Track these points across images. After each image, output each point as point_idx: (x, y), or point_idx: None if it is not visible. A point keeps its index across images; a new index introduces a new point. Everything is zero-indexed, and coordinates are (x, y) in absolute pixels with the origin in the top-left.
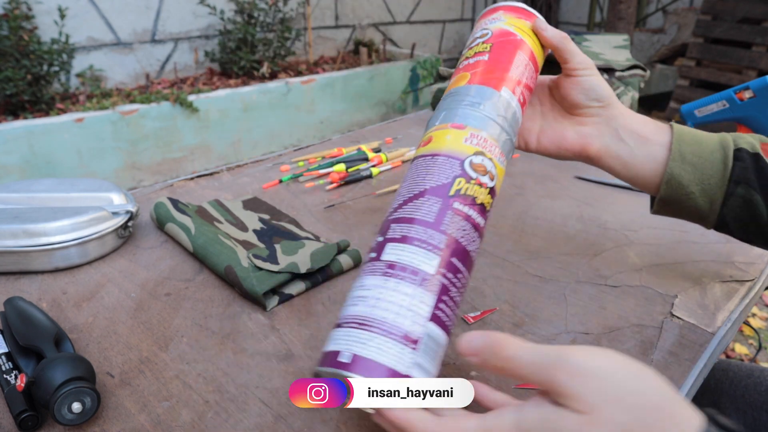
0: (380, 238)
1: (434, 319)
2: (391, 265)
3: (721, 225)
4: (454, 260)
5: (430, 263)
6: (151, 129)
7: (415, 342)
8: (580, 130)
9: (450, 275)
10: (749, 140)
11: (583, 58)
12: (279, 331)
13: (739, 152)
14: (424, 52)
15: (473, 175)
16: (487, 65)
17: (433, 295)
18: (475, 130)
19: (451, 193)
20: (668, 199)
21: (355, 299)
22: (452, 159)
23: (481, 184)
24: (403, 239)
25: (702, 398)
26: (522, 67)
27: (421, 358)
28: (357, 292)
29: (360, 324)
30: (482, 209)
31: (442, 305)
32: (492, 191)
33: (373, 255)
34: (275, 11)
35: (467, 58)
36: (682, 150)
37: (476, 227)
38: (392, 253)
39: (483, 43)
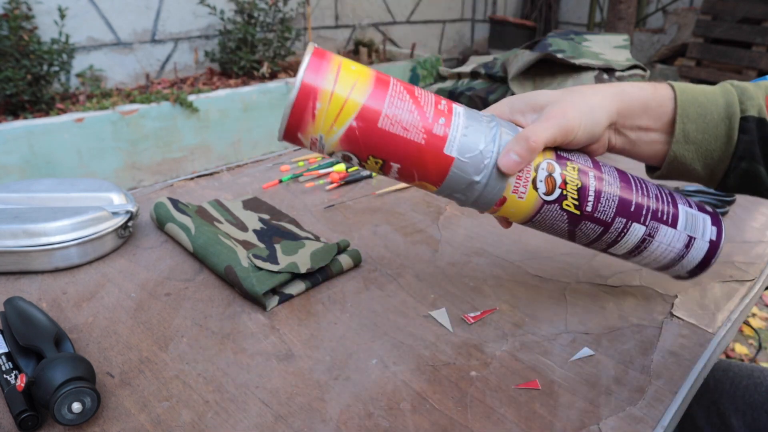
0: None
1: None
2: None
3: (720, 188)
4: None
5: None
6: (151, 129)
7: None
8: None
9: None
10: (757, 102)
11: (570, 116)
12: (279, 331)
13: (745, 122)
14: (424, 52)
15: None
16: None
17: None
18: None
19: None
20: (669, 175)
21: None
22: None
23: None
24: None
25: (702, 398)
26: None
27: None
28: None
29: None
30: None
31: None
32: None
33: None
34: (275, 11)
35: None
36: (686, 129)
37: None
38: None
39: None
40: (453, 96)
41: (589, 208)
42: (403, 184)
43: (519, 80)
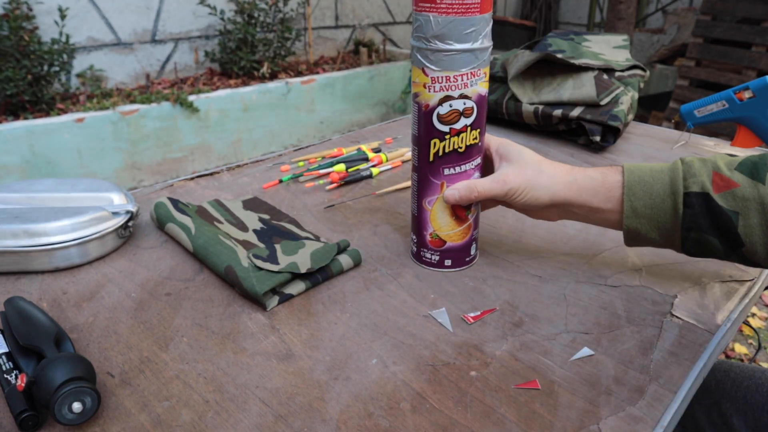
0: None
1: None
2: None
3: (684, 253)
4: None
5: None
6: (152, 129)
7: None
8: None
9: None
10: (700, 179)
11: (512, 184)
12: (279, 331)
13: (688, 197)
14: None
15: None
16: None
17: None
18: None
19: None
20: (631, 242)
21: None
22: None
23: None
24: None
25: (704, 399)
26: None
27: None
28: None
29: None
30: None
31: None
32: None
33: None
34: (275, 11)
35: None
36: (633, 206)
37: None
38: None
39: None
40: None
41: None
42: (403, 184)
43: (519, 80)
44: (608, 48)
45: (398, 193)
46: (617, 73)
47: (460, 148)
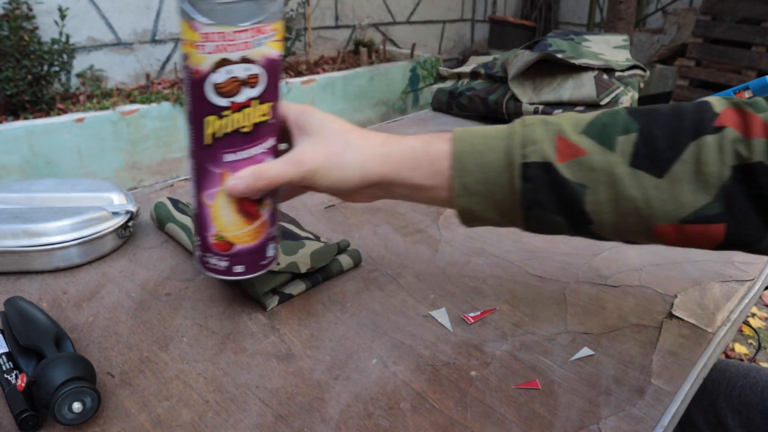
0: None
1: None
2: None
3: (531, 232)
4: None
5: None
6: (152, 129)
7: None
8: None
9: None
10: (540, 146)
11: (311, 164)
12: (279, 331)
13: (526, 169)
14: (424, 52)
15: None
16: None
17: None
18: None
19: None
20: (468, 222)
21: None
22: None
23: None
24: None
25: (700, 399)
26: None
27: None
28: None
29: None
30: None
31: None
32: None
33: None
34: None
35: None
36: (464, 182)
37: None
38: None
39: None
40: (453, 96)
41: None
42: None
43: (519, 80)
44: (608, 48)
45: None
46: (617, 73)
47: (245, 127)
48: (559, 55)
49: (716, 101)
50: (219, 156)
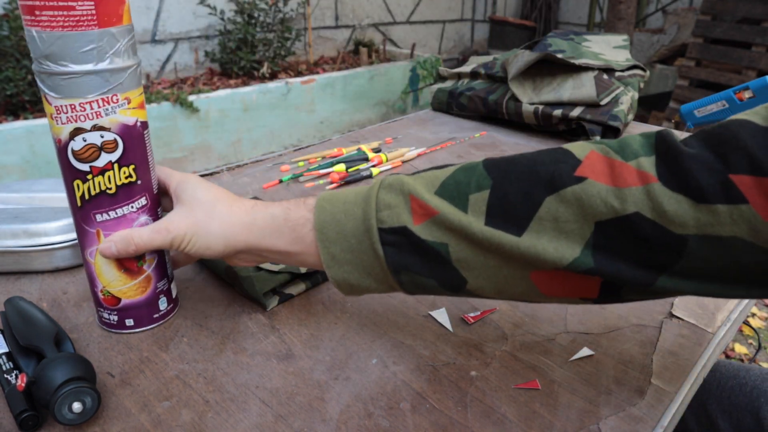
0: None
1: None
2: None
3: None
4: None
5: None
6: (152, 129)
7: None
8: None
9: None
10: (395, 210)
11: (175, 232)
12: (279, 331)
13: (384, 234)
14: (424, 52)
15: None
16: None
17: None
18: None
19: None
20: (352, 293)
21: None
22: None
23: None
24: None
25: (691, 400)
26: None
27: None
28: None
29: None
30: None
31: None
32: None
33: None
34: (275, 11)
35: None
36: (331, 252)
37: None
38: None
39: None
40: (453, 96)
41: None
42: None
43: (519, 80)
44: (608, 48)
45: None
46: (617, 73)
47: (110, 189)
48: (559, 55)
49: (581, 146)
50: (91, 216)
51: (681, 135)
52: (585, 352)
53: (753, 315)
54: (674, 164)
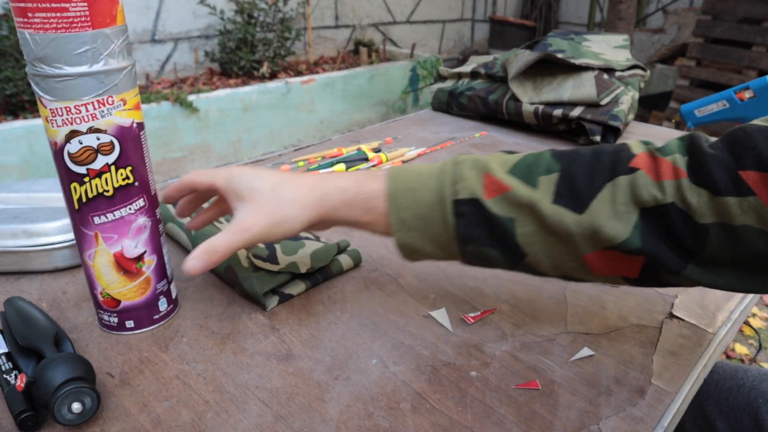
0: None
1: None
2: None
3: (470, 265)
4: None
5: None
6: (151, 129)
7: None
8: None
9: None
10: (469, 183)
11: (255, 230)
12: (279, 331)
13: (457, 205)
14: (424, 52)
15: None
16: None
17: None
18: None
19: None
20: (409, 257)
21: None
22: None
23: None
24: None
25: (690, 402)
26: None
27: None
28: None
29: None
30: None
31: None
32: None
33: None
34: (275, 11)
35: None
36: (401, 217)
37: None
38: None
39: None
40: (453, 96)
41: None
42: None
43: (519, 80)
44: (608, 48)
45: None
46: (617, 73)
47: (107, 191)
48: (560, 55)
49: (635, 144)
50: (89, 219)
51: (711, 139)
52: (585, 352)
53: (753, 315)
54: (698, 163)
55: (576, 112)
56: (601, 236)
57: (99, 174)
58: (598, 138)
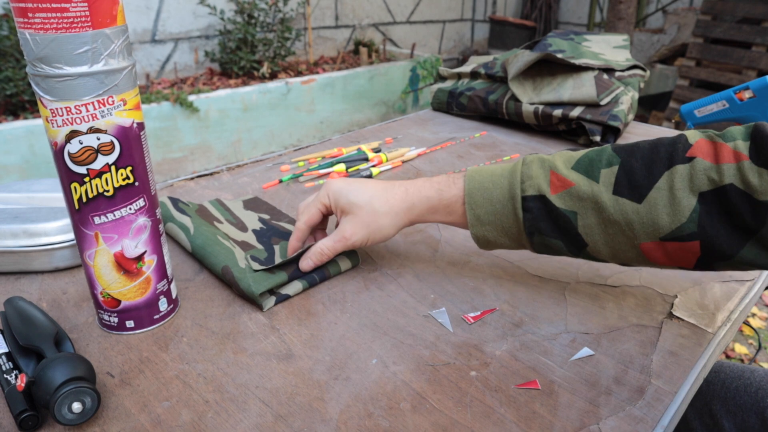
0: None
1: None
2: None
3: (538, 253)
4: None
5: None
6: (151, 129)
7: None
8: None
9: None
10: (536, 181)
11: (354, 239)
12: (279, 331)
13: (526, 201)
14: (424, 52)
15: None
16: None
17: None
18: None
19: None
20: (485, 247)
21: None
22: None
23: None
24: None
25: (695, 400)
26: None
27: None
28: None
29: None
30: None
31: None
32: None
33: None
34: (275, 11)
35: None
36: (476, 214)
37: None
38: None
39: None
40: (453, 96)
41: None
42: None
43: (519, 80)
44: (608, 48)
45: None
46: (617, 73)
47: (107, 191)
48: (559, 55)
49: (692, 134)
50: (89, 219)
51: None
52: (585, 352)
53: (753, 315)
54: (762, 147)
55: (576, 112)
56: (659, 223)
57: (99, 174)
58: (597, 138)
